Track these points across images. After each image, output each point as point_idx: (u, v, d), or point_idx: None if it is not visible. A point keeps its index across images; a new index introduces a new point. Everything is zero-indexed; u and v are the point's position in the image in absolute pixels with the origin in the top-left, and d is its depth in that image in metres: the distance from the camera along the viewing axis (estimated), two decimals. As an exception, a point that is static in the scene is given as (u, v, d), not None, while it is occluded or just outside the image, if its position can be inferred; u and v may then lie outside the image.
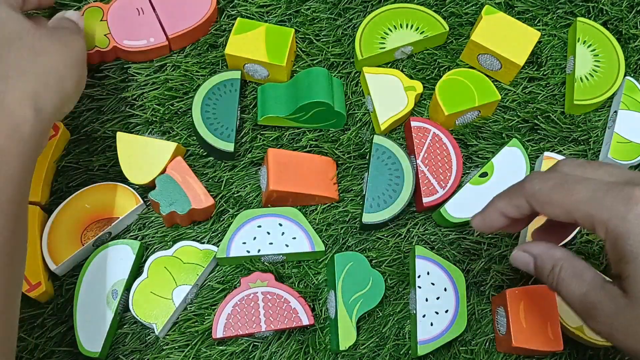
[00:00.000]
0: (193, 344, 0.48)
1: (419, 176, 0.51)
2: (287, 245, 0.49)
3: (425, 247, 0.50)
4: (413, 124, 0.52)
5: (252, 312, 0.47)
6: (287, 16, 0.58)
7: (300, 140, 0.53)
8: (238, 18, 0.55)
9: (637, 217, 0.32)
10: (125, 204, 0.50)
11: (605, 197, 0.33)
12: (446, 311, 0.48)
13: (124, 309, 0.48)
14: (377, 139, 0.51)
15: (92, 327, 0.46)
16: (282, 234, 0.49)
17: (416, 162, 0.51)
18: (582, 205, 0.34)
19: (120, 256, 0.48)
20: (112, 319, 0.46)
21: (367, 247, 0.51)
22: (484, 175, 0.51)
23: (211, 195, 0.50)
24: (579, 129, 0.55)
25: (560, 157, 0.52)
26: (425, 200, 0.50)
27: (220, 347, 0.48)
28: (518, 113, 0.55)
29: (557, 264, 0.37)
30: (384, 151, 0.51)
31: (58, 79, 0.41)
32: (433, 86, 0.54)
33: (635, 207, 0.32)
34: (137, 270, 0.49)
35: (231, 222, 0.50)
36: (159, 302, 0.47)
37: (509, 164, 0.51)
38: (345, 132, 0.54)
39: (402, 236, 0.51)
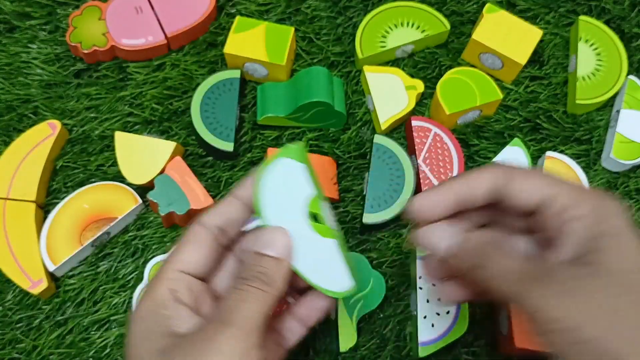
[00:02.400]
0: (192, 345, 0.47)
1: (420, 176, 0.50)
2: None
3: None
4: (414, 123, 0.52)
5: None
6: (287, 14, 0.57)
7: (300, 140, 0.53)
8: (237, 16, 0.54)
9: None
10: (124, 204, 0.49)
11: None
12: (447, 312, 0.47)
13: None
14: (378, 138, 0.51)
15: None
16: (282, 235, 0.49)
17: (417, 162, 0.51)
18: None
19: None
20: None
21: (368, 247, 0.51)
22: None
23: (210, 195, 0.49)
24: (581, 129, 0.54)
25: (562, 157, 0.52)
26: (426, 200, 0.50)
27: (220, 349, 0.47)
28: (520, 112, 0.54)
29: (482, 246, 0.34)
30: (385, 151, 0.51)
31: None
32: (434, 85, 0.53)
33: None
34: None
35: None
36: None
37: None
38: (346, 132, 0.53)
39: (403, 237, 0.51)
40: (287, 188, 0.33)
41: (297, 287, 0.38)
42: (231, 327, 0.31)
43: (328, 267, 0.35)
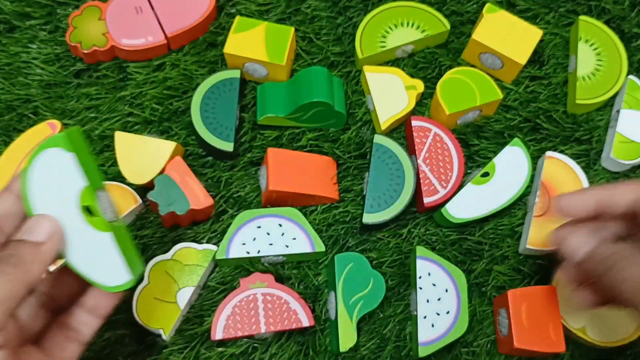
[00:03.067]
0: (192, 345, 0.47)
1: (420, 176, 0.50)
2: (287, 246, 0.48)
3: (426, 247, 0.50)
4: (414, 123, 0.52)
5: (252, 314, 0.46)
6: (287, 14, 0.57)
7: (300, 140, 0.53)
8: (237, 16, 0.54)
9: None
10: (124, 204, 0.49)
11: None
12: (447, 312, 0.47)
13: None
14: (378, 138, 0.51)
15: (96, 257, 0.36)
16: (282, 235, 0.49)
17: (417, 161, 0.51)
18: None
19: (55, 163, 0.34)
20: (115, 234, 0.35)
21: (368, 247, 0.51)
22: (486, 175, 0.51)
23: (210, 195, 0.49)
24: (581, 129, 0.54)
25: (562, 157, 0.52)
26: (426, 200, 0.50)
27: (220, 349, 0.47)
28: (520, 112, 0.54)
29: (614, 253, 0.36)
30: (385, 151, 0.51)
31: None
32: (434, 85, 0.53)
33: None
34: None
35: (230, 223, 0.49)
36: (164, 307, 0.47)
37: (511, 164, 0.51)
38: (346, 132, 0.53)
39: (403, 237, 0.51)
40: (55, 180, 0.32)
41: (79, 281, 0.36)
42: None
43: (102, 260, 0.33)
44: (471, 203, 0.50)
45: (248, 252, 0.48)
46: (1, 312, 0.29)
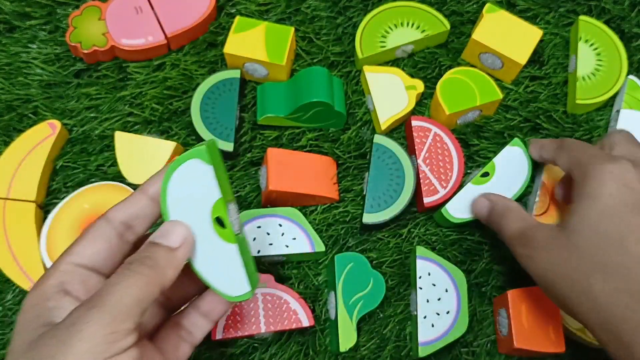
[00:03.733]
0: (192, 345, 0.47)
1: (420, 176, 0.50)
2: (287, 246, 0.48)
3: (426, 247, 0.50)
4: (414, 123, 0.52)
5: (252, 314, 0.46)
6: (287, 14, 0.57)
7: (300, 140, 0.53)
8: (237, 16, 0.54)
9: (607, 170, 0.39)
10: (123, 204, 0.49)
11: (597, 159, 0.40)
12: (447, 312, 0.47)
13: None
14: (378, 138, 0.51)
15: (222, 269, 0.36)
16: (282, 235, 0.49)
17: (417, 161, 0.51)
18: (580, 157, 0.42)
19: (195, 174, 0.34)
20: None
21: (368, 247, 0.51)
22: (486, 175, 0.51)
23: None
24: (581, 129, 0.54)
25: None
26: (426, 200, 0.50)
27: (220, 349, 0.47)
28: (520, 112, 0.54)
29: (509, 207, 0.45)
30: (385, 151, 0.51)
31: None
32: (434, 85, 0.53)
33: (610, 165, 0.39)
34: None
35: (230, 223, 0.49)
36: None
37: (511, 164, 0.51)
38: (346, 132, 0.53)
39: (403, 237, 0.51)
40: (192, 190, 0.33)
41: (198, 285, 0.37)
42: (97, 310, 0.29)
43: (226, 270, 0.35)
44: (471, 203, 0.50)
45: (248, 252, 0.48)
46: (137, 312, 0.30)
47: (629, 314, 0.36)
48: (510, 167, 0.51)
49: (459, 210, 0.50)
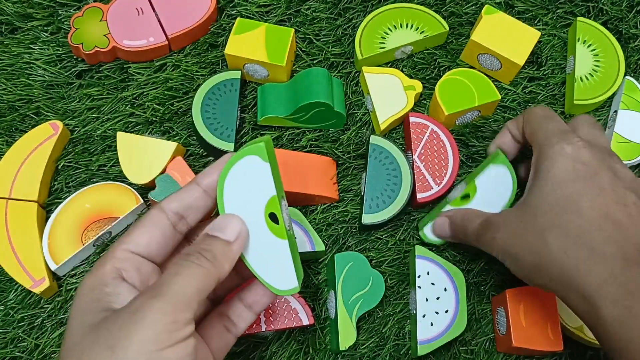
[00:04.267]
0: (193, 344, 0.47)
1: (415, 172, 0.51)
2: (287, 245, 0.49)
3: (425, 247, 0.50)
4: (412, 119, 0.52)
5: (252, 312, 0.47)
6: (287, 16, 0.58)
7: (300, 140, 0.53)
8: (238, 18, 0.55)
9: (561, 149, 0.40)
10: (125, 204, 0.50)
11: (553, 137, 0.42)
12: (446, 311, 0.48)
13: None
14: (374, 139, 0.51)
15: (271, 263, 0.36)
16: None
17: (412, 157, 0.51)
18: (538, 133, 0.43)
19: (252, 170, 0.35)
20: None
21: (367, 247, 0.51)
22: (466, 197, 0.49)
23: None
24: (579, 129, 0.55)
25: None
26: (419, 196, 0.50)
27: (220, 347, 0.48)
28: (518, 113, 0.55)
29: (467, 211, 0.47)
30: (381, 151, 0.51)
31: None
32: (433, 86, 0.54)
33: (565, 145, 0.40)
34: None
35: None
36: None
37: (494, 184, 0.47)
38: (345, 132, 0.54)
39: (402, 236, 0.51)
40: (248, 186, 0.34)
41: (243, 276, 0.39)
42: (159, 299, 0.29)
43: (276, 265, 0.35)
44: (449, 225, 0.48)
45: (248, 252, 0.49)
46: (196, 302, 0.31)
47: (589, 267, 0.37)
48: (492, 187, 0.48)
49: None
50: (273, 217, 0.35)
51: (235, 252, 0.34)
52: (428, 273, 0.48)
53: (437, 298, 0.48)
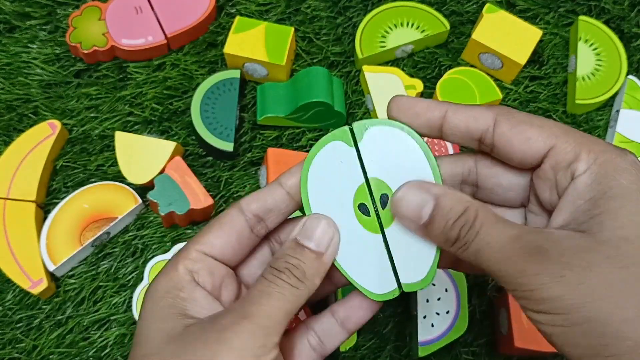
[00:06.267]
0: (192, 345, 0.47)
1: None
2: (287, 246, 0.48)
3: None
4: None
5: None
6: (287, 15, 0.57)
7: (300, 140, 0.53)
8: (237, 16, 0.54)
9: (621, 163, 0.27)
10: (124, 204, 0.49)
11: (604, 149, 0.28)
12: (447, 312, 0.47)
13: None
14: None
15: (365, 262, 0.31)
16: (282, 235, 0.49)
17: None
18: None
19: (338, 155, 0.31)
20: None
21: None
22: None
23: (210, 195, 0.49)
24: (580, 129, 0.54)
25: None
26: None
27: (220, 349, 0.47)
28: (519, 112, 0.54)
29: (471, 206, 0.28)
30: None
31: None
32: (434, 85, 0.53)
33: (625, 154, 0.28)
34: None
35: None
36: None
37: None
38: (346, 132, 0.53)
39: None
40: (334, 176, 0.30)
41: (335, 282, 0.35)
42: (250, 321, 0.28)
43: (371, 265, 0.31)
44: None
45: (248, 252, 0.48)
46: (284, 326, 0.28)
47: None
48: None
49: (413, 274, 0.37)
50: (363, 209, 0.30)
51: (327, 264, 0.30)
52: (429, 274, 0.48)
53: (438, 299, 0.48)
